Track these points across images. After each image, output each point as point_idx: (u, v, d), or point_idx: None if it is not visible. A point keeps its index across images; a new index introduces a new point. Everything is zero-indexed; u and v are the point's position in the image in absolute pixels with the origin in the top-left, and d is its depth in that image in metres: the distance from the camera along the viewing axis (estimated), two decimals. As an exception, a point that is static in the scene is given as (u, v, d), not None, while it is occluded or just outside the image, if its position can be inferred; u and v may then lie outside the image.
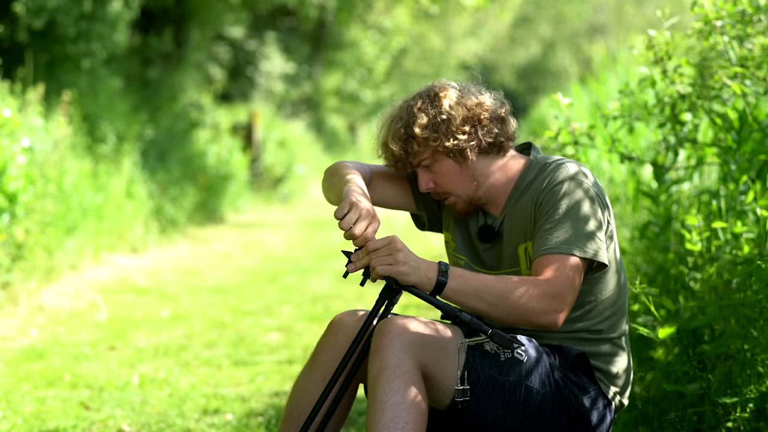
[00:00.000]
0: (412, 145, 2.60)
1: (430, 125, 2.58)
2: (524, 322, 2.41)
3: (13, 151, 6.59)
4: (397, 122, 2.62)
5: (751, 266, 3.05)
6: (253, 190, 16.67)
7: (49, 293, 6.96)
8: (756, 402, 2.88)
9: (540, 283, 2.40)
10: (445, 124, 2.57)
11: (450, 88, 2.62)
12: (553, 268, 2.43)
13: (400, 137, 2.61)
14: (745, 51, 3.77)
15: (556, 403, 2.49)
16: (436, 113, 2.58)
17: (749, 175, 3.71)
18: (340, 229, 2.40)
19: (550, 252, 2.45)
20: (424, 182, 2.64)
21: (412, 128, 2.58)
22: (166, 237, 10.78)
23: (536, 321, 2.40)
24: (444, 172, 2.61)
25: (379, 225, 2.41)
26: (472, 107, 2.60)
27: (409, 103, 2.63)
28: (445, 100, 2.59)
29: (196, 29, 15.41)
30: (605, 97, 7.45)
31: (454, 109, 2.58)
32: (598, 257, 2.47)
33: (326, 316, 6.22)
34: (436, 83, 2.66)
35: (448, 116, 2.57)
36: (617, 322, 2.63)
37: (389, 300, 2.46)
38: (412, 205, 2.80)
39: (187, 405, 4.27)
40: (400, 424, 2.32)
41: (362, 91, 27.94)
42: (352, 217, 2.39)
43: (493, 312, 2.39)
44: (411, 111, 2.61)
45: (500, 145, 2.64)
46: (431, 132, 2.57)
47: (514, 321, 2.41)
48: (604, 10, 37.53)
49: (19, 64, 8.71)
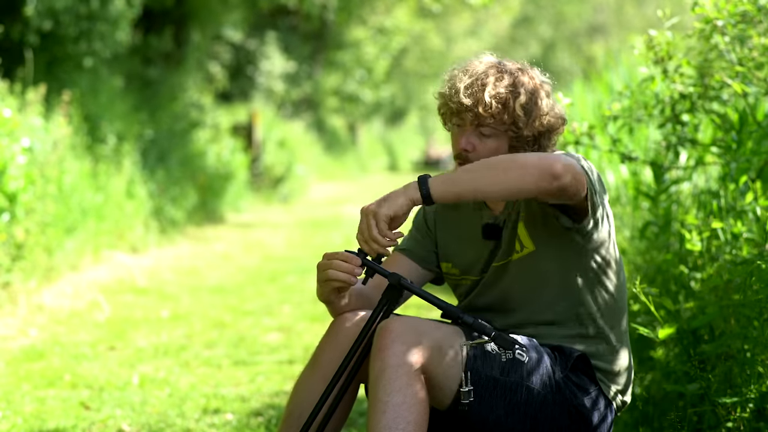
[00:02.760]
0: (502, 114, 2.55)
1: (530, 110, 2.56)
2: (525, 168, 2.34)
3: (13, 151, 6.58)
4: (502, 82, 2.57)
5: (751, 266, 3.05)
6: (253, 190, 16.67)
7: (49, 293, 6.96)
8: (756, 402, 2.88)
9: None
10: (537, 119, 2.56)
11: (546, 90, 2.60)
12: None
13: (500, 98, 2.55)
14: (745, 52, 3.77)
15: (557, 404, 2.50)
16: (537, 103, 2.57)
17: (749, 175, 3.71)
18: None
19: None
20: (466, 142, 2.58)
21: (516, 99, 2.55)
22: (166, 237, 10.78)
23: (538, 164, 2.34)
24: (493, 148, 2.57)
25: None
26: (555, 118, 2.61)
27: (517, 75, 2.59)
28: (544, 99, 2.59)
29: (196, 29, 15.41)
30: (608, 97, 7.45)
31: (548, 113, 2.58)
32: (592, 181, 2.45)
33: (327, 316, 6.18)
34: (537, 76, 2.62)
35: (541, 114, 2.57)
36: (618, 321, 2.64)
37: (391, 301, 2.46)
38: (422, 272, 2.76)
39: (187, 405, 4.27)
40: (401, 425, 2.32)
41: (362, 91, 27.95)
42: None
43: (503, 179, 2.34)
44: (517, 85, 2.57)
45: (542, 146, 2.65)
46: (522, 114, 2.55)
47: (513, 174, 2.34)
48: (604, 10, 37.54)
49: (19, 63, 8.71)
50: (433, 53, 34.62)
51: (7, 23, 8.94)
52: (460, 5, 22.10)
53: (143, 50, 13.54)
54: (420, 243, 2.76)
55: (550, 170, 2.34)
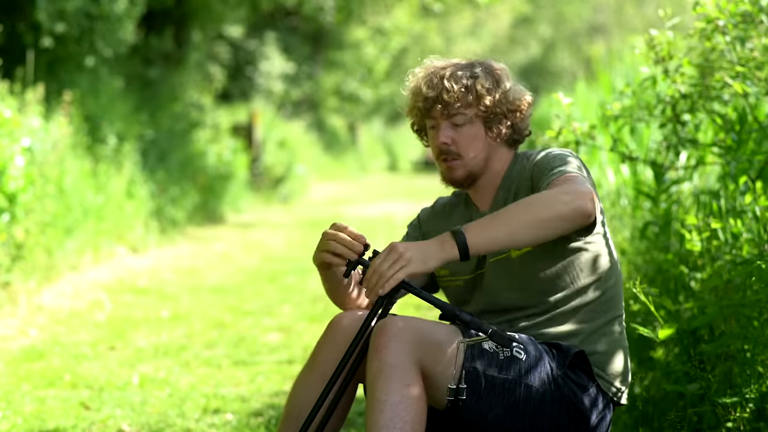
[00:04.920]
0: (467, 96, 2.62)
1: (490, 89, 2.62)
2: (559, 212, 2.36)
3: (13, 151, 6.59)
4: (459, 70, 2.65)
5: (751, 266, 3.04)
6: (253, 190, 16.67)
7: (49, 293, 6.96)
8: (756, 402, 2.88)
9: (553, 186, 2.43)
10: (501, 94, 2.63)
11: (505, 73, 2.68)
12: (563, 179, 2.45)
13: (457, 80, 2.62)
14: (746, 52, 3.77)
15: (555, 402, 2.49)
16: (496, 83, 2.64)
17: (749, 175, 3.71)
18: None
19: (557, 176, 2.47)
20: (444, 135, 2.63)
21: (474, 82, 2.62)
22: (166, 237, 10.78)
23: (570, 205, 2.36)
24: (470, 136, 2.63)
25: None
26: (520, 96, 2.66)
27: (472, 63, 2.68)
28: (506, 80, 2.66)
29: (196, 29, 15.41)
30: (610, 97, 7.45)
31: (510, 89, 2.65)
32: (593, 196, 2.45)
33: (326, 316, 6.22)
34: (492, 62, 2.70)
35: (504, 90, 2.64)
36: (614, 318, 2.63)
37: (388, 300, 2.45)
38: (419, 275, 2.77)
39: (187, 405, 4.27)
40: (399, 424, 2.32)
41: (362, 90, 27.94)
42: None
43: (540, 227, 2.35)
44: (474, 69, 2.65)
45: (518, 141, 2.71)
46: (487, 93, 2.62)
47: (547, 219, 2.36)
48: (604, 10, 37.55)
49: (19, 64, 8.70)
50: (433, 53, 34.57)
51: (16, 26, 8.93)
52: (463, 4, 22.09)
53: (143, 50, 13.54)
54: None
55: (583, 211, 2.37)
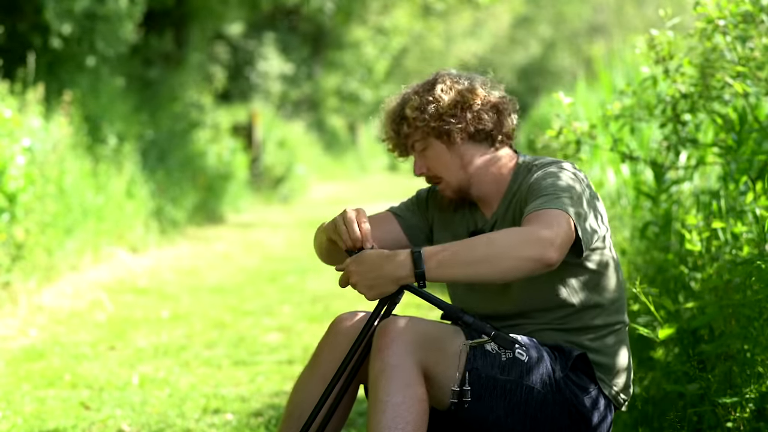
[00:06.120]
0: (403, 126, 2.67)
1: (420, 107, 2.64)
2: (518, 260, 2.33)
3: (14, 151, 6.58)
4: (395, 106, 2.71)
5: (751, 266, 3.04)
6: (253, 190, 16.67)
7: (49, 293, 6.96)
8: (756, 402, 2.88)
9: (523, 225, 2.42)
10: (433, 105, 2.63)
11: (447, 75, 2.68)
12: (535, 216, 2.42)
13: (394, 119, 2.69)
14: (747, 52, 3.77)
15: (557, 404, 2.49)
16: (427, 96, 2.65)
17: (749, 175, 3.71)
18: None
19: (533, 211, 2.44)
20: (418, 167, 2.69)
21: (404, 110, 2.66)
22: (166, 237, 10.78)
23: (530, 253, 2.33)
24: (434, 155, 2.65)
25: (362, 212, 2.51)
26: (463, 92, 2.64)
27: (408, 89, 2.72)
28: (438, 85, 2.65)
29: (196, 29, 15.40)
30: (611, 97, 7.45)
31: (445, 92, 2.64)
32: (577, 223, 2.43)
33: (326, 316, 6.22)
34: (440, 71, 2.72)
35: (437, 99, 2.63)
36: (616, 320, 2.63)
37: (391, 300, 2.45)
38: (405, 240, 2.78)
39: (187, 405, 4.27)
40: (401, 425, 2.32)
41: (362, 91, 27.94)
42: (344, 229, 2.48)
43: (484, 266, 2.34)
44: (407, 95, 2.69)
45: (491, 136, 2.65)
46: (420, 113, 2.63)
47: (506, 266, 2.34)
48: (604, 10, 37.54)
49: (19, 63, 8.70)
50: (433, 53, 34.62)
51: (17, 27, 8.92)
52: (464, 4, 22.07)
53: (143, 51, 13.53)
54: (415, 215, 2.79)
55: (544, 263, 2.34)
